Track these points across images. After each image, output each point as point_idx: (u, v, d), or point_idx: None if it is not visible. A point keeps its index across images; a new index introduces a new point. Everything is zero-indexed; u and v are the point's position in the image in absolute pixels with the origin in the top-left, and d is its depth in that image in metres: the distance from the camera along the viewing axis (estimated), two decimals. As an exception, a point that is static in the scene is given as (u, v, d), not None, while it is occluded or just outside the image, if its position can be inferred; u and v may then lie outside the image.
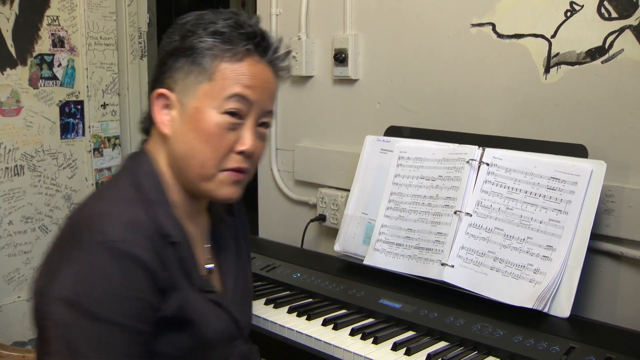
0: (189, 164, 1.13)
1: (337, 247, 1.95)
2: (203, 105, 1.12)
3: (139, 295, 1.03)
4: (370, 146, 1.95)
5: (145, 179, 1.14)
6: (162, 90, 1.15)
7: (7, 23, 2.67)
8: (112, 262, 1.01)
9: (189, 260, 1.15)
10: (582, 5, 1.64)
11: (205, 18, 1.15)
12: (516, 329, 1.44)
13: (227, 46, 1.12)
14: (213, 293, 1.20)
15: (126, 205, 1.08)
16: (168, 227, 1.10)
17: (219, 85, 1.12)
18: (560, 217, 1.53)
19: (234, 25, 1.13)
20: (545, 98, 1.73)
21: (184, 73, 1.13)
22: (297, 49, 2.27)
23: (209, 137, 1.12)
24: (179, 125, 1.14)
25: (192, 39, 1.12)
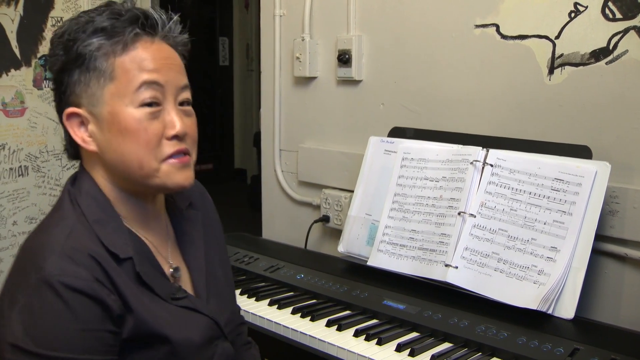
0: (128, 169, 1.08)
1: (341, 248, 1.95)
2: (115, 107, 1.05)
3: (88, 326, 0.99)
4: (373, 147, 1.95)
5: (86, 199, 1.09)
6: (70, 110, 1.08)
7: (12, 24, 2.67)
8: (54, 298, 0.97)
9: (149, 272, 1.09)
10: (587, 6, 1.64)
11: (80, 21, 1.07)
12: (520, 330, 1.44)
13: (115, 39, 1.06)
14: (184, 299, 1.14)
15: (67, 235, 1.03)
16: (116, 246, 1.05)
17: (123, 80, 1.05)
18: (565, 218, 1.53)
19: (111, 16, 1.07)
20: (549, 99, 1.72)
21: (83, 84, 1.06)
22: (300, 50, 2.27)
23: (134, 135, 1.05)
24: (100, 136, 1.08)
25: (77, 46, 1.05)
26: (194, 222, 1.26)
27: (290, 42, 2.33)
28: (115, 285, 1.03)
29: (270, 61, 2.43)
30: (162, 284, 1.12)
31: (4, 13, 2.65)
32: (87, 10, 1.11)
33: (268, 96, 2.46)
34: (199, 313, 1.16)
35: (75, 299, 0.98)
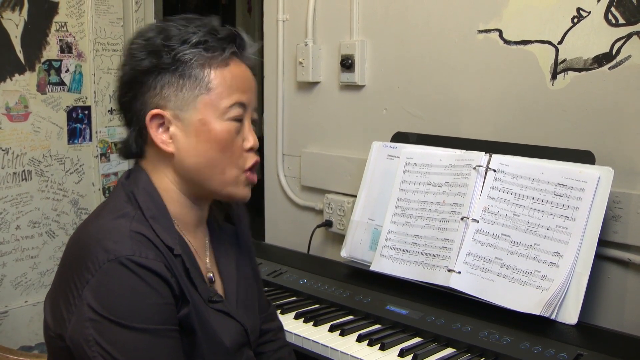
0: (210, 174, 1.15)
1: (344, 253, 1.95)
2: (206, 116, 1.13)
3: (161, 300, 1.05)
4: (376, 152, 1.96)
5: (143, 195, 1.14)
6: (157, 111, 1.13)
7: (16, 29, 2.68)
8: (128, 274, 1.02)
9: (195, 273, 1.15)
10: (589, 12, 1.64)
11: (173, 31, 1.13)
12: (523, 336, 1.44)
13: (212, 53, 1.13)
14: (220, 302, 1.20)
15: (126, 221, 1.09)
16: (169, 241, 1.11)
17: (218, 94, 1.13)
18: (568, 223, 1.53)
19: (210, 31, 1.13)
20: (552, 104, 1.72)
21: (175, 88, 1.12)
22: (303, 55, 2.27)
23: (223, 145, 1.14)
24: (183, 140, 1.14)
25: (174, 54, 1.11)
26: (229, 235, 1.32)
27: (293, 47, 2.34)
28: (174, 272, 1.09)
29: (273, 66, 2.44)
30: (202, 286, 1.17)
31: (9, 18, 2.66)
32: (174, 20, 1.16)
33: (271, 101, 2.47)
34: (232, 318, 1.21)
35: (148, 276, 1.03)
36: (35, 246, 2.82)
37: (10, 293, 2.75)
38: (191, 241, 1.19)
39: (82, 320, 1.02)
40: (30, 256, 2.81)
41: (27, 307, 2.79)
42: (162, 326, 1.04)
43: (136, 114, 1.15)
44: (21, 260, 2.78)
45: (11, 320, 2.73)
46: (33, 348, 2.77)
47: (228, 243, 1.31)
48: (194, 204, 1.20)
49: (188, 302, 1.11)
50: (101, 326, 1.01)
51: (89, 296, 1.02)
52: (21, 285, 2.79)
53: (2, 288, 2.72)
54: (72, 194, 2.94)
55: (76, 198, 2.96)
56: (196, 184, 1.17)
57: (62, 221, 2.91)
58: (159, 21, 1.18)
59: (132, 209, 1.12)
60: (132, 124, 1.16)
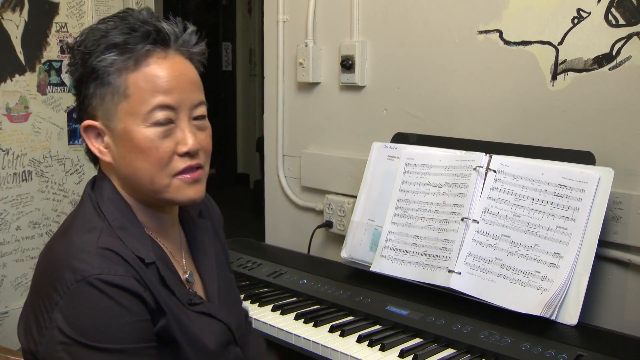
0: (139, 183, 1.10)
1: (344, 254, 1.95)
2: (127, 125, 1.06)
3: (132, 318, 1.01)
4: (377, 153, 1.96)
5: (108, 206, 1.10)
6: (87, 122, 1.10)
7: (17, 30, 2.69)
8: (97, 295, 0.99)
9: (170, 277, 1.11)
10: (590, 12, 1.64)
11: (96, 34, 1.07)
12: (524, 337, 1.44)
13: (127, 55, 1.06)
14: (200, 304, 1.16)
15: (93, 236, 1.05)
16: (140, 251, 1.07)
17: (137, 99, 1.06)
18: (568, 224, 1.53)
19: (125, 31, 1.06)
20: (552, 105, 1.72)
21: (99, 98, 1.08)
22: (304, 56, 2.27)
23: (145, 153, 1.07)
24: (115, 150, 1.09)
25: (92, 60, 1.06)
26: (205, 231, 1.28)
27: (293, 48, 2.34)
28: (147, 285, 1.05)
29: (273, 66, 2.44)
30: (181, 290, 1.14)
31: (9, 19, 2.66)
32: (105, 19, 1.11)
33: (271, 101, 2.47)
34: (214, 319, 1.18)
35: (118, 294, 1.00)
36: (35, 247, 2.82)
37: (11, 294, 2.75)
38: (165, 244, 1.16)
39: (54, 344, 0.99)
40: (31, 257, 2.81)
41: (27, 308, 2.79)
42: (135, 345, 1.01)
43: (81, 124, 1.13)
44: (21, 260, 2.78)
45: (11, 321, 2.74)
46: (33, 349, 2.77)
47: (205, 239, 1.27)
48: (153, 209, 1.15)
49: (165, 313, 1.07)
50: (72, 349, 0.98)
51: (58, 319, 0.99)
52: (21, 286, 2.79)
53: (2, 289, 2.72)
54: (73, 194, 2.94)
55: (76, 199, 2.95)
56: (136, 192, 1.12)
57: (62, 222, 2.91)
58: (96, 23, 1.12)
59: (99, 222, 1.08)
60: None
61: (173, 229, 1.21)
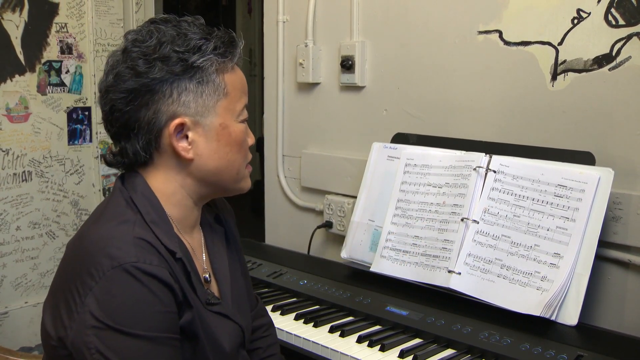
0: (227, 174, 1.19)
1: (344, 254, 1.95)
2: (226, 120, 1.17)
3: (164, 308, 1.05)
4: (377, 153, 1.96)
5: (142, 199, 1.14)
6: (180, 120, 1.13)
7: (17, 30, 2.69)
8: (131, 281, 1.02)
9: (195, 275, 1.15)
10: (589, 13, 1.64)
11: (179, 37, 1.13)
12: (523, 337, 1.44)
13: (223, 59, 1.16)
14: (218, 305, 1.20)
15: (128, 227, 1.09)
16: (170, 245, 1.11)
17: (233, 98, 1.17)
18: (568, 224, 1.53)
19: (219, 37, 1.16)
20: (552, 105, 1.73)
21: (194, 95, 1.13)
22: (304, 56, 2.27)
23: (240, 146, 1.19)
24: (204, 145, 1.15)
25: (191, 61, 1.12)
26: (219, 236, 1.33)
27: (293, 48, 2.34)
28: (177, 277, 1.09)
29: (273, 67, 2.44)
30: (200, 289, 1.17)
31: (9, 19, 2.66)
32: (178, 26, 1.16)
33: (271, 102, 2.47)
34: (229, 320, 1.21)
35: (152, 283, 1.03)
36: (35, 247, 2.82)
37: (11, 294, 2.75)
38: (190, 243, 1.20)
39: (84, 328, 1.01)
40: (31, 257, 2.81)
41: (27, 308, 2.79)
42: (164, 334, 1.04)
43: (147, 123, 1.13)
44: (21, 261, 2.78)
45: (11, 321, 2.73)
46: (33, 349, 2.77)
47: (220, 244, 1.32)
48: (195, 205, 1.22)
49: (191, 307, 1.11)
50: (103, 333, 1.00)
51: (91, 303, 1.01)
52: (21, 286, 2.79)
53: (2, 289, 2.72)
54: (72, 194, 2.94)
55: (76, 199, 2.96)
56: (211, 185, 1.20)
57: (62, 222, 2.91)
58: (146, 25, 1.16)
59: (132, 214, 1.11)
60: (138, 133, 1.13)
61: (197, 229, 1.27)
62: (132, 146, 1.15)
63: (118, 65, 1.13)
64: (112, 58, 1.16)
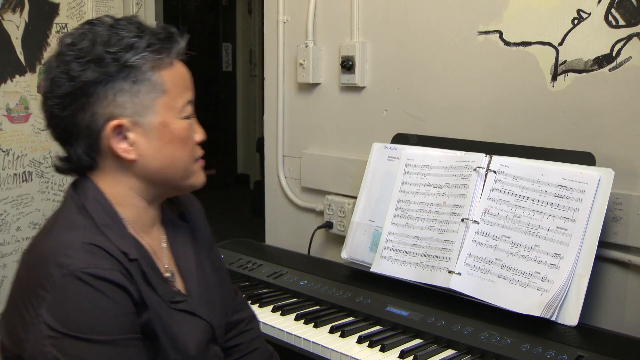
0: (172, 172, 1.18)
1: (344, 255, 1.95)
2: (166, 118, 1.15)
3: (120, 310, 1.05)
4: (377, 153, 1.96)
5: (94, 204, 1.13)
6: (117, 122, 1.11)
7: (17, 31, 2.69)
8: (83, 288, 1.02)
9: (153, 275, 1.15)
10: (590, 13, 1.64)
11: (110, 37, 1.11)
12: (524, 337, 1.44)
13: (159, 55, 1.13)
14: (183, 302, 1.19)
15: (77, 233, 1.08)
16: (124, 246, 1.11)
17: (173, 95, 1.15)
18: (568, 225, 1.53)
19: (153, 33, 1.15)
20: (552, 106, 1.73)
21: (130, 94, 1.11)
22: (304, 57, 2.27)
23: (184, 142, 1.18)
24: (145, 145, 1.14)
25: (123, 60, 1.10)
26: (186, 233, 1.32)
27: (293, 49, 2.34)
28: (132, 278, 1.09)
29: (273, 67, 2.44)
30: (163, 288, 1.16)
31: (10, 20, 2.66)
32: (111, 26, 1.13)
33: (271, 102, 2.47)
34: (196, 317, 1.20)
35: (105, 287, 1.03)
36: (35, 247, 2.82)
37: (11, 294, 2.75)
38: (148, 242, 1.19)
39: (41, 339, 1.00)
40: (31, 257, 2.81)
41: (27, 309, 2.79)
42: (123, 336, 1.04)
43: (85, 127, 1.11)
44: (21, 261, 2.78)
45: (11, 322, 2.74)
46: (33, 349, 2.77)
47: (185, 241, 1.30)
48: (149, 205, 1.21)
49: (147, 308, 1.10)
50: (61, 343, 1.00)
51: (45, 314, 1.00)
52: (22, 287, 2.79)
53: (2, 289, 2.72)
54: (73, 195, 2.94)
55: (77, 199, 2.95)
56: (160, 184, 1.19)
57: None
58: (81, 27, 1.15)
59: (83, 220, 1.11)
60: (78, 137, 1.13)
61: (156, 228, 1.25)
62: (75, 151, 1.15)
63: (53, 71, 1.12)
64: (46, 64, 1.14)
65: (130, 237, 1.14)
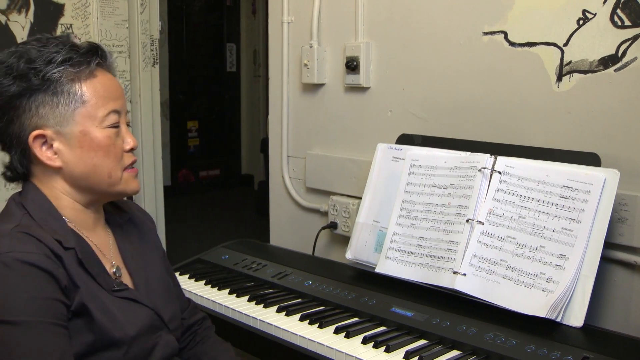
0: (97, 179, 1.25)
1: (349, 255, 1.95)
2: (86, 127, 1.22)
3: (38, 294, 1.09)
4: (381, 154, 1.96)
5: (32, 203, 1.22)
6: (38, 132, 1.20)
7: (22, 31, 2.70)
8: (5, 270, 1.08)
9: (92, 264, 1.22)
10: (595, 14, 1.64)
11: (34, 53, 1.19)
12: (529, 338, 1.44)
13: (78, 68, 1.21)
14: (124, 290, 1.27)
15: (10, 224, 1.15)
16: (59, 236, 1.17)
17: (93, 105, 1.22)
18: (573, 225, 1.53)
19: (72, 48, 1.22)
20: (557, 106, 1.72)
21: (51, 106, 1.20)
22: (308, 57, 2.28)
23: (106, 150, 1.24)
24: (68, 153, 1.22)
25: (42, 74, 1.18)
26: (132, 235, 1.42)
27: (298, 49, 2.34)
28: (62, 262, 1.14)
29: (278, 68, 2.44)
30: (104, 278, 1.25)
31: (15, 20, 2.67)
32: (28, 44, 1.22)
33: (276, 103, 2.47)
34: (139, 303, 1.29)
35: (25, 270, 1.09)
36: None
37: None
38: (93, 240, 1.28)
39: None
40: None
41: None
42: (39, 318, 1.08)
43: (16, 137, 1.22)
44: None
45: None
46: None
47: (134, 242, 1.40)
48: (86, 209, 1.29)
49: (79, 288, 1.15)
50: None
51: None
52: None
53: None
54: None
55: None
56: (87, 190, 1.27)
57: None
58: (14, 47, 1.23)
59: (19, 213, 1.19)
60: (12, 147, 1.23)
61: (100, 229, 1.34)
62: (11, 160, 1.25)
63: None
64: None
65: (68, 230, 1.22)
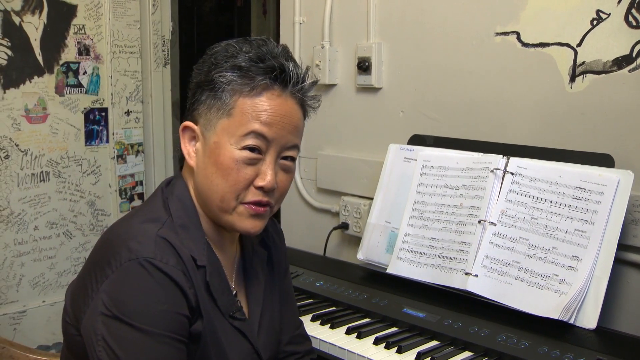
0: (210, 197, 1.14)
1: (360, 256, 1.95)
2: (221, 140, 1.12)
3: (171, 308, 1.05)
4: (393, 155, 1.95)
5: (176, 203, 1.16)
6: (187, 123, 1.17)
7: (36, 32, 2.71)
8: (145, 276, 1.04)
9: (217, 286, 1.15)
10: (609, 14, 1.63)
11: (229, 50, 1.14)
12: (541, 340, 1.43)
13: (245, 81, 1.12)
14: (241, 321, 1.19)
15: (155, 225, 1.10)
16: (195, 251, 1.12)
17: (237, 121, 1.11)
18: (586, 227, 1.52)
19: (254, 58, 1.12)
20: (570, 107, 1.72)
21: (207, 107, 1.14)
22: (320, 58, 2.28)
23: (226, 171, 1.12)
24: (201, 158, 1.15)
25: (215, 73, 1.13)
26: (261, 259, 1.32)
27: (309, 50, 2.34)
28: (193, 283, 1.09)
29: (289, 68, 2.44)
30: (226, 299, 1.17)
31: (29, 22, 2.69)
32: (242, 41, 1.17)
33: (287, 103, 2.47)
34: (247, 340, 1.20)
35: (164, 281, 1.04)
36: (52, 247, 2.85)
37: (29, 293, 2.77)
38: (220, 256, 1.20)
39: (95, 314, 1.04)
40: (48, 256, 2.84)
41: (44, 307, 2.81)
42: (167, 333, 1.04)
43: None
44: (39, 260, 2.81)
45: (29, 320, 2.76)
46: (50, 347, 2.79)
47: (259, 267, 1.30)
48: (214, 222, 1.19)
49: (202, 317, 1.10)
50: (109, 321, 1.02)
51: (105, 291, 1.04)
52: (39, 285, 2.81)
53: (20, 288, 2.74)
54: (89, 195, 2.96)
55: (93, 199, 2.98)
56: (204, 204, 1.17)
57: (79, 222, 2.93)
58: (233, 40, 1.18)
59: (164, 214, 1.14)
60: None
61: (231, 246, 1.26)
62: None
63: None
64: None
65: (204, 243, 1.15)
